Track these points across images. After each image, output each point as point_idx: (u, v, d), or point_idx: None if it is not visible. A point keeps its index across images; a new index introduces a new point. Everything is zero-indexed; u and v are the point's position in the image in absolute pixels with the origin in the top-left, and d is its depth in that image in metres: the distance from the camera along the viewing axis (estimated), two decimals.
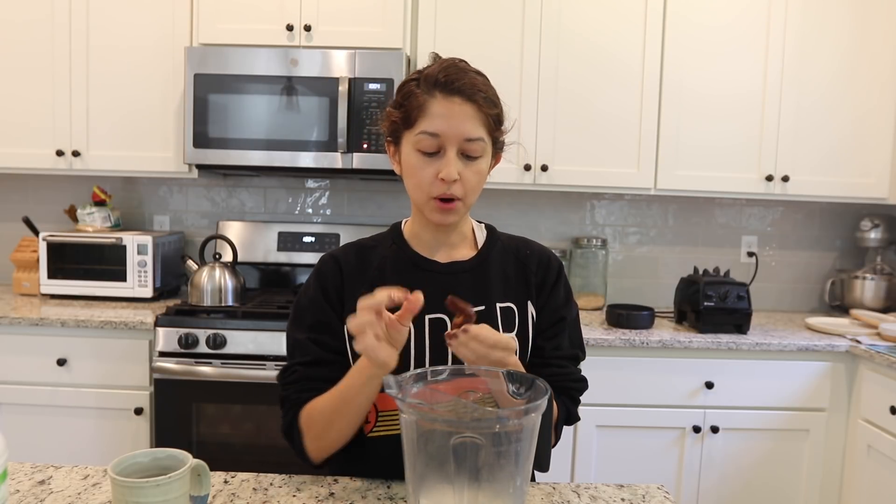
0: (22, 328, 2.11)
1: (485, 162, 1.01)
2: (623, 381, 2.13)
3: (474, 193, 1.01)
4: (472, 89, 0.97)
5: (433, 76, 0.98)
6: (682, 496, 2.16)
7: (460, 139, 0.97)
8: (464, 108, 0.97)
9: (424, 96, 0.98)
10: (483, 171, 1.01)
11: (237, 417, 2.09)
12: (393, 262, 1.08)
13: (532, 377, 0.86)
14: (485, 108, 0.98)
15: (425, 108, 0.98)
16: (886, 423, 1.98)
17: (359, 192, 2.74)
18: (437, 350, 1.02)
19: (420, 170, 0.99)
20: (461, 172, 0.98)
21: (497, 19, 2.35)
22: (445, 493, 0.77)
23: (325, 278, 1.07)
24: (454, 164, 0.97)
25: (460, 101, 0.97)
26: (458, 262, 1.08)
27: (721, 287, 2.21)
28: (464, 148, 0.97)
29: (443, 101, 0.97)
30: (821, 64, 2.38)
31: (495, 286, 1.07)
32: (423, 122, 0.97)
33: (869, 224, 2.61)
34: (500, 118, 1.03)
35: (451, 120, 0.96)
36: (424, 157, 0.98)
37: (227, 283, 2.21)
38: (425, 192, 0.99)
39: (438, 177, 0.97)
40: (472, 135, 0.97)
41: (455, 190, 0.98)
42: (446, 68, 0.99)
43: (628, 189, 2.41)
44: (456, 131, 0.96)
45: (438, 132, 0.97)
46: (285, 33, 2.29)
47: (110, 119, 2.38)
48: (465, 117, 0.97)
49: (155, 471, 0.80)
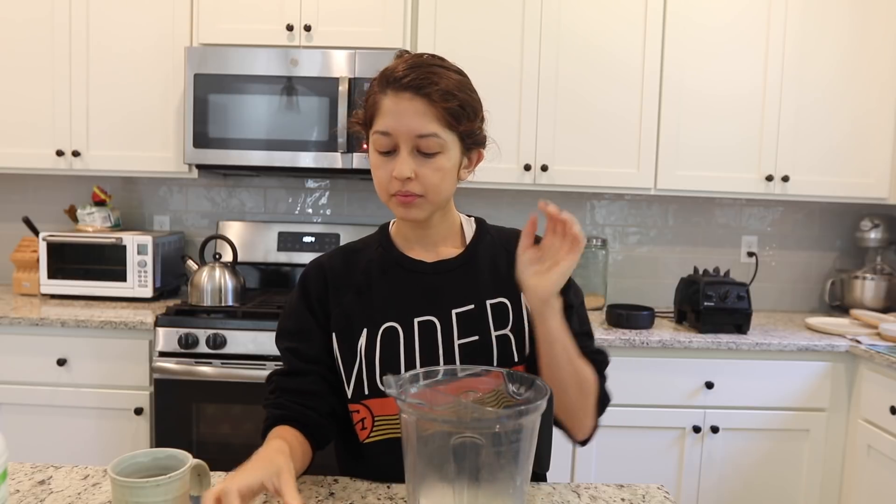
0: (22, 328, 2.11)
1: (446, 158, 0.96)
2: (623, 381, 2.13)
3: (437, 191, 0.97)
4: (422, 83, 0.93)
5: (388, 74, 0.96)
6: (682, 496, 2.16)
7: (411, 136, 0.94)
8: (413, 104, 0.93)
9: (378, 95, 0.97)
10: (444, 168, 0.96)
11: (237, 417, 2.09)
12: (379, 265, 1.07)
13: (532, 377, 0.86)
14: (439, 102, 0.93)
15: (378, 106, 0.96)
16: (886, 423, 1.98)
17: (359, 192, 2.74)
18: (427, 353, 1.00)
19: (378, 169, 0.98)
20: (417, 170, 0.95)
21: (497, 19, 2.35)
22: (445, 493, 0.77)
23: (309, 286, 1.07)
24: (406, 162, 0.94)
25: (409, 96, 0.93)
26: (445, 262, 1.06)
27: (721, 287, 2.21)
28: (417, 144, 0.94)
29: (393, 97, 0.94)
30: (821, 64, 2.38)
31: (484, 282, 1.05)
32: (378, 121, 0.96)
33: (869, 224, 2.61)
34: (464, 111, 0.96)
35: (400, 117, 0.93)
36: (381, 156, 0.97)
37: (227, 283, 2.21)
38: (385, 191, 0.98)
39: (392, 175, 0.95)
40: (423, 131, 0.93)
41: (412, 188, 0.95)
42: (406, 63, 0.96)
43: (628, 189, 2.41)
44: (406, 128, 0.93)
45: (389, 130, 0.94)
46: (285, 33, 2.29)
47: (110, 119, 2.38)
48: (414, 113, 0.93)
49: (155, 471, 0.80)
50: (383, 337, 1.01)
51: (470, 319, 1.02)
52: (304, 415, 1.01)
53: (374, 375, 1.00)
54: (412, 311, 1.02)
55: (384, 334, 1.01)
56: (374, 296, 1.04)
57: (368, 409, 1.02)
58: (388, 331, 1.01)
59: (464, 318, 1.02)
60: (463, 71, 1.01)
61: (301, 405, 1.01)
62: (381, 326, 1.02)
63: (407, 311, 1.02)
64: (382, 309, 1.03)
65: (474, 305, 1.03)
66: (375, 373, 1.00)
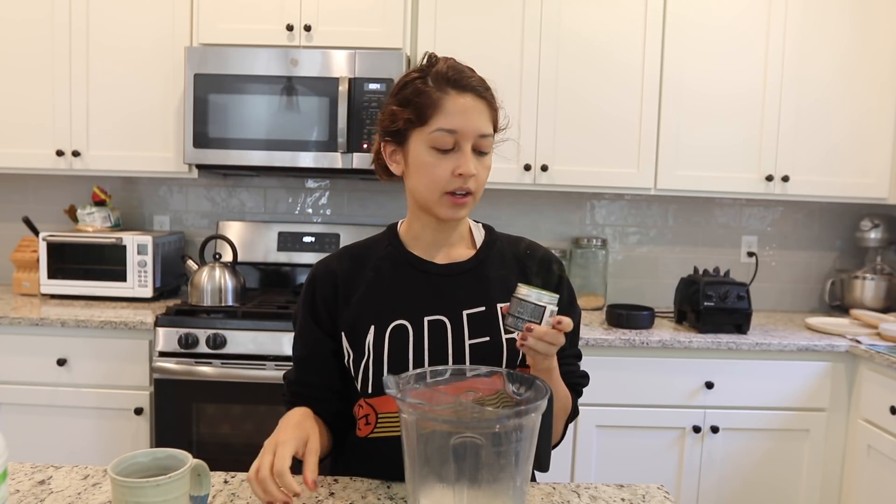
0: (22, 328, 2.11)
1: (490, 158, 1.03)
2: (623, 381, 2.13)
3: (482, 188, 1.03)
4: (481, 86, 1.01)
5: (443, 73, 0.99)
6: (682, 496, 2.16)
7: (475, 135, 0.98)
8: (477, 105, 0.99)
9: (437, 93, 0.98)
10: (490, 167, 1.04)
11: (237, 417, 2.09)
12: (390, 264, 1.08)
13: (532, 377, 0.86)
14: (493, 104, 1.02)
15: (440, 105, 0.98)
16: (886, 423, 1.98)
17: (359, 192, 2.74)
18: (436, 351, 1.01)
19: (434, 167, 0.99)
20: (475, 168, 1.00)
21: (497, 19, 2.35)
22: (445, 492, 0.77)
23: (315, 290, 1.09)
24: (472, 159, 0.99)
25: (472, 97, 0.99)
26: (457, 263, 1.07)
27: (721, 287, 2.21)
28: (477, 144, 0.99)
29: (457, 97, 0.98)
30: (821, 64, 2.38)
31: (495, 286, 1.06)
32: (439, 119, 0.98)
33: (869, 224, 2.61)
34: (498, 116, 1.06)
35: (467, 116, 0.98)
36: (439, 153, 0.99)
37: (227, 283, 2.21)
38: (440, 189, 0.99)
39: (456, 172, 0.98)
40: (485, 130, 0.99)
41: (470, 184, 1.00)
42: (452, 66, 1.01)
43: (628, 189, 2.41)
44: (472, 127, 0.98)
45: (456, 128, 0.97)
46: (285, 33, 2.29)
47: (110, 119, 2.38)
48: (478, 113, 0.99)
49: (155, 471, 0.80)
50: (392, 334, 1.02)
51: (481, 321, 1.04)
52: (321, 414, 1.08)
53: (380, 372, 1.01)
54: (422, 310, 1.04)
55: (393, 332, 1.02)
56: (384, 293, 1.06)
57: (372, 406, 1.03)
58: (398, 328, 1.02)
59: (475, 320, 1.03)
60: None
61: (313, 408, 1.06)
62: (390, 324, 1.03)
63: (417, 310, 1.04)
64: (392, 306, 1.04)
65: (485, 307, 1.04)
66: (383, 370, 1.01)
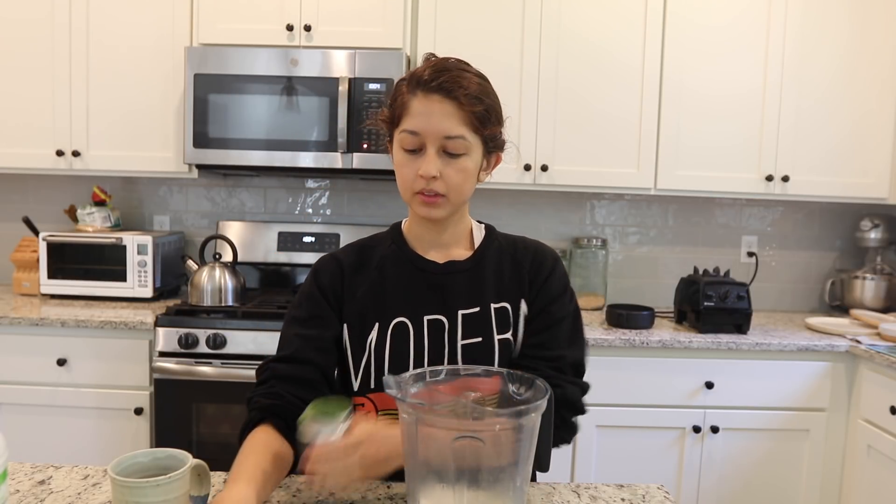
0: (22, 328, 2.11)
1: (470, 160, 1.00)
2: (623, 381, 2.13)
3: (459, 191, 1.00)
4: (452, 86, 0.97)
5: (418, 75, 0.99)
6: (682, 496, 2.16)
7: (439, 137, 0.97)
8: (443, 106, 0.97)
9: (408, 95, 1.00)
10: (468, 169, 1.00)
11: (237, 417, 2.09)
12: (392, 261, 1.09)
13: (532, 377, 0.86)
14: (466, 105, 0.97)
15: (407, 106, 0.99)
16: (886, 423, 1.98)
17: (359, 192, 2.74)
18: (435, 350, 1.02)
19: (403, 167, 1.01)
20: (442, 170, 0.98)
21: (497, 19, 2.35)
22: (445, 493, 0.77)
23: (322, 275, 1.08)
24: (433, 161, 0.98)
25: (439, 98, 0.97)
26: (455, 262, 1.08)
27: (721, 287, 2.21)
28: (444, 145, 0.98)
29: (423, 99, 0.98)
30: (821, 64, 2.38)
31: (490, 287, 1.07)
32: (406, 120, 0.99)
33: (869, 224, 2.61)
34: (489, 115, 1.00)
35: (429, 118, 0.97)
36: (407, 154, 1.00)
37: (227, 283, 2.21)
38: (409, 188, 1.01)
39: (418, 174, 0.98)
40: (451, 132, 0.97)
41: (436, 187, 0.99)
42: (434, 67, 0.99)
43: (628, 189, 2.41)
44: (435, 129, 0.97)
45: (417, 130, 0.98)
46: (285, 33, 2.29)
47: (110, 119, 2.37)
48: (443, 115, 0.97)
49: (155, 471, 0.80)
50: (393, 332, 1.03)
51: (474, 321, 1.04)
52: (295, 406, 0.99)
53: (381, 370, 1.02)
54: (422, 309, 1.05)
55: (394, 329, 1.03)
56: (387, 291, 1.06)
57: (373, 402, 1.04)
58: (399, 326, 1.03)
59: (469, 320, 1.04)
60: (484, 76, 1.04)
61: (295, 396, 1.00)
62: (391, 321, 1.04)
63: (417, 308, 1.04)
64: (394, 304, 1.05)
65: (479, 308, 1.05)
66: (384, 367, 1.02)
